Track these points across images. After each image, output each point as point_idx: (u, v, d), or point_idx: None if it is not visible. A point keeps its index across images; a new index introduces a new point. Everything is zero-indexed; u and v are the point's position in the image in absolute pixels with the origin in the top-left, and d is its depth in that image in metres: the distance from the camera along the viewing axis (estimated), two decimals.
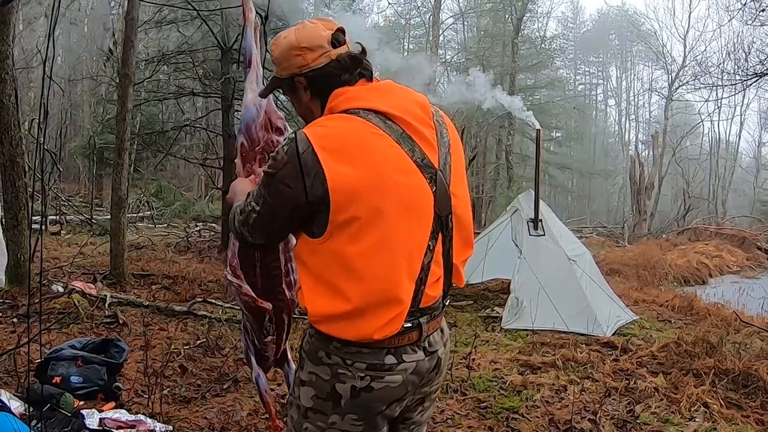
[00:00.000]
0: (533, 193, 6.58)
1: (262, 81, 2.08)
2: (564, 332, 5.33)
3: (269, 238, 1.51)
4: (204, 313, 5.31)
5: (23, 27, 15.78)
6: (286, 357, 2.19)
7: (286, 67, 1.49)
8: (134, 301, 5.56)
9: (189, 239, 11.08)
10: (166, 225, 13.93)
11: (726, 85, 10.47)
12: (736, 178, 31.48)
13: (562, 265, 5.92)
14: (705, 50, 24.37)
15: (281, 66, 1.51)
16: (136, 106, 10.36)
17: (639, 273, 10.61)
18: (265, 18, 6.19)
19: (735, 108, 30.92)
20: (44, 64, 2.29)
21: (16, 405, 2.86)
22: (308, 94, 1.51)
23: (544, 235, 6.24)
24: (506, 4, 23.01)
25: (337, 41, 1.47)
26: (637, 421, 3.43)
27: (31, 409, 2.83)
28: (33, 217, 8.19)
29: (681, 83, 24.44)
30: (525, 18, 23.36)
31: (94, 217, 12.65)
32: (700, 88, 24.63)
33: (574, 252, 6.25)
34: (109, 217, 8.91)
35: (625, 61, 40.03)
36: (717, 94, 21.74)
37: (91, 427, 2.84)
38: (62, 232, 11.30)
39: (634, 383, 4.00)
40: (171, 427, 3.03)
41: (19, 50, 13.22)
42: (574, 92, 34.50)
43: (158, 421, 3.03)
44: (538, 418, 3.47)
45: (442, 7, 23.44)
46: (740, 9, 8.51)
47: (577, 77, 39.81)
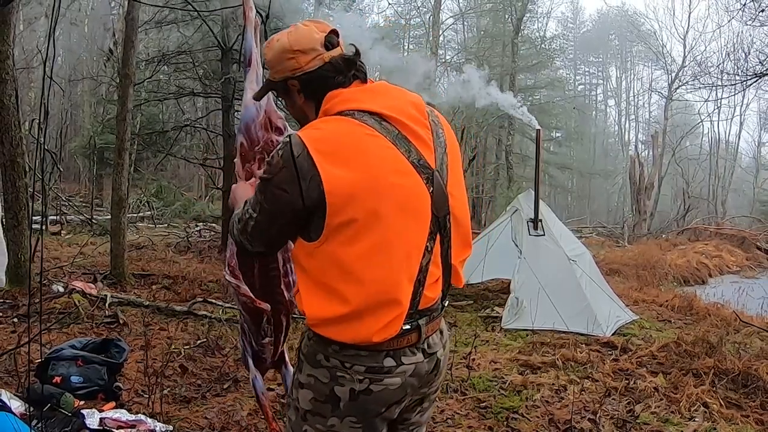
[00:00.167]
0: (533, 193, 6.58)
1: (263, 80, 2.07)
2: (564, 332, 5.33)
3: (268, 245, 1.50)
4: (204, 313, 5.31)
5: (24, 27, 15.80)
6: (283, 359, 2.17)
7: (279, 70, 1.48)
8: (134, 301, 5.57)
9: (189, 239, 11.10)
10: (166, 225, 13.94)
11: (726, 86, 10.50)
12: (735, 178, 31.47)
13: (562, 265, 5.93)
14: (705, 50, 24.54)
15: (274, 69, 1.50)
16: (137, 106, 10.37)
17: (639, 273, 10.61)
18: (266, 17, 6.20)
19: (735, 108, 30.99)
20: (45, 64, 2.30)
21: (17, 405, 2.87)
22: (302, 97, 1.50)
23: (544, 235, 6.25)
24: (506, 4, 23.01)
25: (330, 44, 1.45)
26: (637, 421, 3.43)
27: (31, 408, 2.83)
28: (33, 217, 8.21)
29: (681, 83, 24.38)
30: (525, 18, 23.39)
31: (94, 217, 12.66)
32: (700, 88, 24.70)
33: (574, 252, 6.26)
34: (109, 217, 8.92)
35: (624, 61, 40.01)
36: (717, 95, 21.84)
37: (91, 426, 2.84)
38: (62, 232, 11.31)
39: (634, 383, 4.00)
40: (171, 426, 3.03)
41: (20, 50, 13.25)
42: (574, 92, 34.47)
43: (158, 421, 3.03)
44: (538, 417, 3.47)
45: (442, 8, 23.42)
46: (740, 9, 8.51)
47: (577, 77, 39.79)
